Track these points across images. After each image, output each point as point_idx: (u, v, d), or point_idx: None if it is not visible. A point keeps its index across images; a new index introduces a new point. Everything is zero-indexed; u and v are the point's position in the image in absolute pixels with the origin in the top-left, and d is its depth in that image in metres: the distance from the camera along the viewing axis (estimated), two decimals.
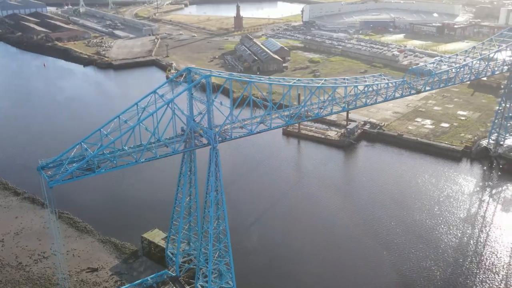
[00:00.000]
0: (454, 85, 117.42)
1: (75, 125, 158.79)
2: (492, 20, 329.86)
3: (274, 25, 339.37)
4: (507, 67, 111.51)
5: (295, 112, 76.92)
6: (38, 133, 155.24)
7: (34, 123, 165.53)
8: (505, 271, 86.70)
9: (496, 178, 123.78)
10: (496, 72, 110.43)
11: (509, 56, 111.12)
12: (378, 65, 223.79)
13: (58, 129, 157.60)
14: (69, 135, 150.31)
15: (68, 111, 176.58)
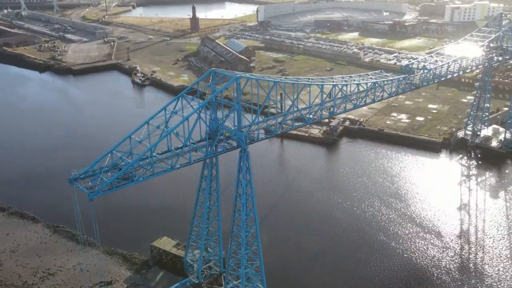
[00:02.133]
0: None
1: (49, 135, 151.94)
2: (436, 17, 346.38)
3: (230, 26, 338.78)
4: (486, 62, 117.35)
5: (314, 111, 77.27)
6: (6, 145, 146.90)
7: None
8: (487, 250, 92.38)
9: (474, 166, 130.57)
10: (479, 66, 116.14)
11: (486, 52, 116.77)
12: (342, 63, 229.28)
13: (28, 139, 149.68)
14: (44, 146, 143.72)
15: (38, 120, 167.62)
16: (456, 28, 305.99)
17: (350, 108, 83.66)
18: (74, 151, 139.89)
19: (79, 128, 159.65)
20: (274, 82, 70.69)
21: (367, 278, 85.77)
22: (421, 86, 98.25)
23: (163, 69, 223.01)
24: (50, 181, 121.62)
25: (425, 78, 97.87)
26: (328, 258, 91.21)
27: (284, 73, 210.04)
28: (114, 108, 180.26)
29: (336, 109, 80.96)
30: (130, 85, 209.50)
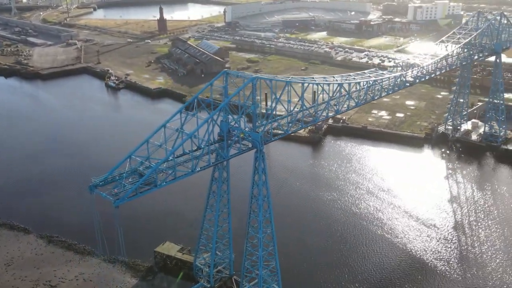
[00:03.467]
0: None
1: (27, 142, 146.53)
2: (399, 16, 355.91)
3: (198, 27, 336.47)
4: (469, 58, 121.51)
5: (321, 109, 77.85)
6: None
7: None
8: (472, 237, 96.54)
9: (456, 160, 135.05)
10: (463, 63, 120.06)
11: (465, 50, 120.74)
12: (316, 62, 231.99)
13: (5, 147, 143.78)
14: (23, 153, 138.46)
15: (12, 127, 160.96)
16: (419, 27, 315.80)
17: (352, 106, 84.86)
18: (56, 157, 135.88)
19: (57, 133, 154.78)
20: (286, 82, 70.50)
21: (368, 271, 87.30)
22: (414, 83, 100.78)
23: (136, 71, 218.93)
24: (36, 189, 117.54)
25: (417, 75, 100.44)
26: (332, 255, 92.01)
27: (260, 73, 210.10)
28: (91, 112, 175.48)
29: (340, 108, 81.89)
30: (104, 89, 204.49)
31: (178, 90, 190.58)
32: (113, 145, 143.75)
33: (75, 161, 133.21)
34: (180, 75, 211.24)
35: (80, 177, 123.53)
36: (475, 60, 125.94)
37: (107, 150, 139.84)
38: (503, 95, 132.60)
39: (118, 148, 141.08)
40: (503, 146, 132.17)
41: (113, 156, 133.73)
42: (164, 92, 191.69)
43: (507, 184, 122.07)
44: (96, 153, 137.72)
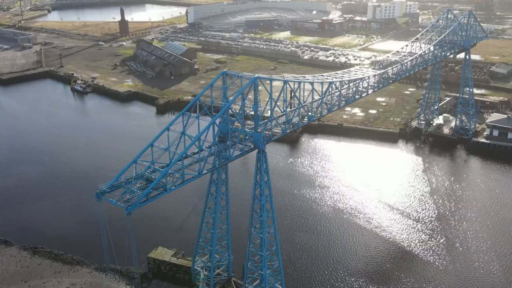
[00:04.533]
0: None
1: None
2: (358, 15, 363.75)
3: (160, 28, 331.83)
4: (443, 55, 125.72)
5: (316, 108, 78.65)
6: None
7: None
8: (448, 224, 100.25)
9: (430, 153, 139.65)
10: (438, 59, 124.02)
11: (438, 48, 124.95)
12: (284, 61, 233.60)
13: None
14: None
15: None
16: (379, 25, 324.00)
17: (343, 104, 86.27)
18: (26, 166, 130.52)
19: (24, 141, 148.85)
20: (284, 81, 70.68)
21: (357, 263, 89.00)
22: (396, 80, 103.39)
23: (102, 75, 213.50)
24: (10, 200, 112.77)
25: (398, 72, 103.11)
26: (325, 252, 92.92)
27: None
28: (58, 118, 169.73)
29: (333, 106, 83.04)
30: (70, 93, 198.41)
31: (149, 92, 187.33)
32: (87, 151, 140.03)
33: (47, 169, 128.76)
34: (149, 78, 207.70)
35: (55, 186, 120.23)
36: (447, 56, 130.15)
37: (82, 156, 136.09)
38: (472, 90, 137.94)
39: (93, 154, 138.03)
40: (474, 138, 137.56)
41: (90, 163, 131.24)
42: (135, 95, 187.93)
43: (480, 174, 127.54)
44: (70, 160, 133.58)
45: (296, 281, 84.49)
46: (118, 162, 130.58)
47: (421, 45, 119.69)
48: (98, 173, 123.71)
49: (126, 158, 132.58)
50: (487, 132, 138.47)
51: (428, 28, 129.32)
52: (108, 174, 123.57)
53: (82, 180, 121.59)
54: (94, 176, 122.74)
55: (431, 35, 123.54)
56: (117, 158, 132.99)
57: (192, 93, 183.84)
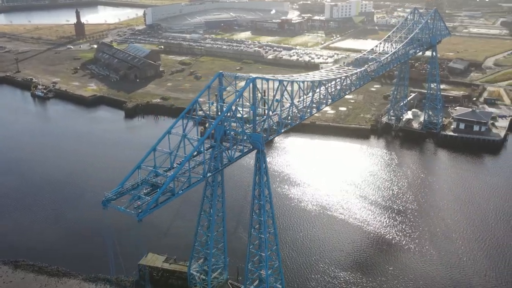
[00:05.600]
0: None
1: None
2: (314, 14, 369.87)
3: (118, 30, 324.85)
4: (413, 52, 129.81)
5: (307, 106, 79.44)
6: None
7: None
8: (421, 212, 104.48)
9: (401, 147, 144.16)
10: (409, 56, 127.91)
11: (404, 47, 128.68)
12: (248, 61, 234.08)
13: None
14: None
15: None
16: (337, 24, 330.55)
17: (330, 102, 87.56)
18: None
19: None
20: (279, 81, 70.80)
21: (343, 256, 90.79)
22: (375, 76, 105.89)
23: (64, 79, 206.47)
24: None
25: (376, 69, 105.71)
26: (312, 248, 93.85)
27: (196, 76, 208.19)
28: (19, 125, 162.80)
29: (321, 105, 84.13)
30: (30, 99, 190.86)
31: (115, 96, 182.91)
32: (57, 158, 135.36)
33: (18, 178, 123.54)
34: (113, 81, 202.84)
35: (28, 195, 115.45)
36: (417, 53, 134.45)
37: (53, 164, 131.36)
38: (439, 85, 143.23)
39: (64, 161, 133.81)
40: (442, 132, 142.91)
41: (62, 170, 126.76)
42: (100, 99, 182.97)
43: (450, 166, 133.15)
44: (41, 168, 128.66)
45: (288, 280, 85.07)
46: (92, 169, 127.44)
47: (392, 43, 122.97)
48: (72, 180, 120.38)
49: (100, 164, 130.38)
50: (454, 126, 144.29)
51: (398, 26, 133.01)
52: (83, 181, 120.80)
53: (56, 188, 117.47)
54: (68, 184, 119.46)
55: (401, 34, 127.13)
56: (90, 165, 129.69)
57: (160, 95, 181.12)
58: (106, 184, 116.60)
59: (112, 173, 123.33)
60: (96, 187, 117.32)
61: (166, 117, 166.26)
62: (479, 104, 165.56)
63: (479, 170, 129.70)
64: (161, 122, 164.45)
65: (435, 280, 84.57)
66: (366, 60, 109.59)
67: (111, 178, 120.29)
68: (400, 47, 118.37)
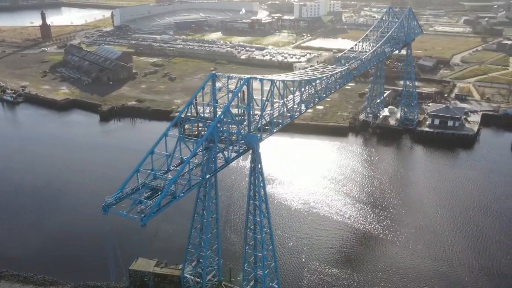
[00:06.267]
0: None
1: None
2: (283, 13, 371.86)
3: (85, 32, 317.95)
4: (391, 50, 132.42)
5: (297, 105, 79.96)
6: None
7: None
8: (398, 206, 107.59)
9: (379, 143, 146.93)
10: (387, 54, 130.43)
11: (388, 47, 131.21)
12: (222, 62, 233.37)
13: None
14: None
15: None
16: (307, 23, 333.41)
17: (317, 101, 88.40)
18: None
19: None
20: (271, 81, 70.89)
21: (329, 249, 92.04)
22: (357, 74, 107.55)
23: (33, 83, 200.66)
24: None
25: (358, 68, 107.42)
26: (304, 246, 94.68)
27: (171, 77, 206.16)
28: None
29: (310, 104, 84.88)
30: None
31: (89, 99, 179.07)
32: (33, 163, 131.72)
33: None
34: (85, 84, 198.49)
35: (5, 203, 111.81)
36: (394, 52, 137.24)
37: (29, 169, 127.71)
38: (414, 82, 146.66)
39: (40, 166, 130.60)
40: (418, 128, 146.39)
41: (39, 175, 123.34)
42: (73, 103, 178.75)
43: (428, 160, 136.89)
44: (16, 174, 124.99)
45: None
46: (69, 173, 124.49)
47: (370, 42, 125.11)
48: (50, 186, 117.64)
49: (77, 168, 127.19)
50: (429, 121, 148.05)
51: (375, 25, 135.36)
52: (62, 186, 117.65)
53: (34, 194, 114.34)
54: (46, 189, 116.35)
55: (378, 32, 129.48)
56: (68, 169, 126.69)
57: (135, 98, 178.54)
58: (86, 189, 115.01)
59: (91, 177, 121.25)
60: (75, 191, 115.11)
61: (142, 120, 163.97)
62: (450, 100, 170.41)
63: (455, 164, 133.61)
64: (138, 125, 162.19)
65: (422, 273, 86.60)
66: (347, 58, 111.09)
67: (90, 183, 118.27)
68: (379, 45, 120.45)
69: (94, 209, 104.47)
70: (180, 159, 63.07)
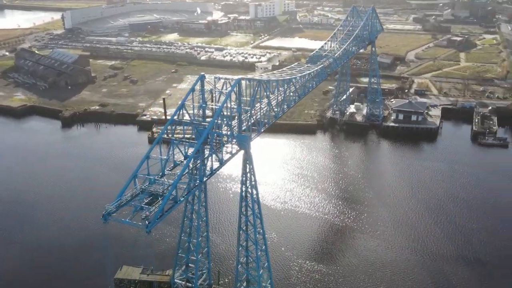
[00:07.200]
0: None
1: None
2: (238, 14, 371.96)
3: (35, 35, 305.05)
4: (357, 49, 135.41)
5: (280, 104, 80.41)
6: None
7: None
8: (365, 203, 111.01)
9: (347, 140, 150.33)
10: (354, 53, 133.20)
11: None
12: (182, 63, 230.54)
13: None
14: None
15: None
16: (263, 23, 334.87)
17: (297, 100, 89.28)
18: None
19: None
20: (258, 81, 70.80)
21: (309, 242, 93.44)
22: (330, 72, 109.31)
23: None
24: None
25: (330, 65, 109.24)
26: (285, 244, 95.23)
27: (132, 80, 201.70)
28: None
29: (292, 102, 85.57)
30: None
31: (48, 105, 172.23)
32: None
33: None
34: (42, 89, 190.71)
35: None
36: (360, 49, 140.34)
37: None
38: (379, 79, 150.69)
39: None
40: (384, 123, 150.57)
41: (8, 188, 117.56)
42: (32, 109, 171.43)
43: (395, 155, 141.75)
44: None
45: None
46: (36, 184, 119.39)
47: (338, 41, 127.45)
48: (15, 199, 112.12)
49: (41, 178, 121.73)
50: (394, 117, 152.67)
51: (342, 23, 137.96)
52: (31, 199, 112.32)
53: None
54: (12, 203, 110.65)
55: (346, 31, 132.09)
56: (32, 180, 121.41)
57: (98, 102, 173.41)
58: (53, 199, 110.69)
59: (59, 187, 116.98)
60: (43, 204, 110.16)
61: (108, 125, 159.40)
62: (410, 95, 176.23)
63: (422, 156, 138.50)
64: (103, 130, 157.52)
65: (404, 264, 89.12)
66: (319, 57, 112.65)
67: (59, 193, 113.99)
68: (348, 43, 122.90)
69: (68, 222, 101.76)
70: (174, 163, 62.02)
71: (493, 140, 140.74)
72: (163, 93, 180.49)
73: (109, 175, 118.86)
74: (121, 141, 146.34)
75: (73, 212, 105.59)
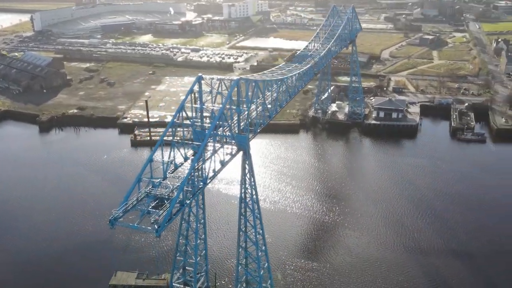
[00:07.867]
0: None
1: None
2: (211, 14, 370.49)
3: (3, 38, 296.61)
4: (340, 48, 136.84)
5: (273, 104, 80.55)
6: None
7: None
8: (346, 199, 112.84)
9: (329, 138, 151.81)
10: (337, 52, 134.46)
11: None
12: (160, 65, 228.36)
13: None
14: None
15: None
16: (238, 24, 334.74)
17: (289, 99, 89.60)
18: None
19: None
20: (255, 82, 70.71)
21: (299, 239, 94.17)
22: (317, 71, 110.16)
23: None
24: None
25: (316, 65, 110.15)
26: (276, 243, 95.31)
27: (109, 82, 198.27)
28: None
29: (284, 102, 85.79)
30: None
31: (24, 110, 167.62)
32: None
33: None
34: (16, 93, 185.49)
35: None
36: (342, 48, 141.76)
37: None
38: (360, 78, 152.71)
39: None
40: (365, 121, 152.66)
41: None
42: (6, 114, 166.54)
43: (377, 152, 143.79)
44: None
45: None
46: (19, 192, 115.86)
47: (321, 40, 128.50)
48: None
49: (25, 186, 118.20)
50: (375, 114, 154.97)
51: (324, 23, 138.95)
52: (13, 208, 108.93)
53: None
54: None
55: (328, 31, 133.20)
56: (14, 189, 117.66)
57: (75, 105, 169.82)
58: (38, 206, 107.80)
59: (41, 194, 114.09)
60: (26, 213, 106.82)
61: (87, 128, 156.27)
62: (389, 93, 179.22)
63: (404, 153, 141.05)
64: (83, 134, 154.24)
65: (394, 260, 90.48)
66: (305, 57, 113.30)
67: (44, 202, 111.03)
68: (332, 42, 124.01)
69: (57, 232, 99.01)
70: (175, 165, 61.32)
71: (472, 135, 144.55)
72: (142, 95, 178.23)
73: (95, 180, 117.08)
74: (103, 145, 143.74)
75: (55, 221, 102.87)
